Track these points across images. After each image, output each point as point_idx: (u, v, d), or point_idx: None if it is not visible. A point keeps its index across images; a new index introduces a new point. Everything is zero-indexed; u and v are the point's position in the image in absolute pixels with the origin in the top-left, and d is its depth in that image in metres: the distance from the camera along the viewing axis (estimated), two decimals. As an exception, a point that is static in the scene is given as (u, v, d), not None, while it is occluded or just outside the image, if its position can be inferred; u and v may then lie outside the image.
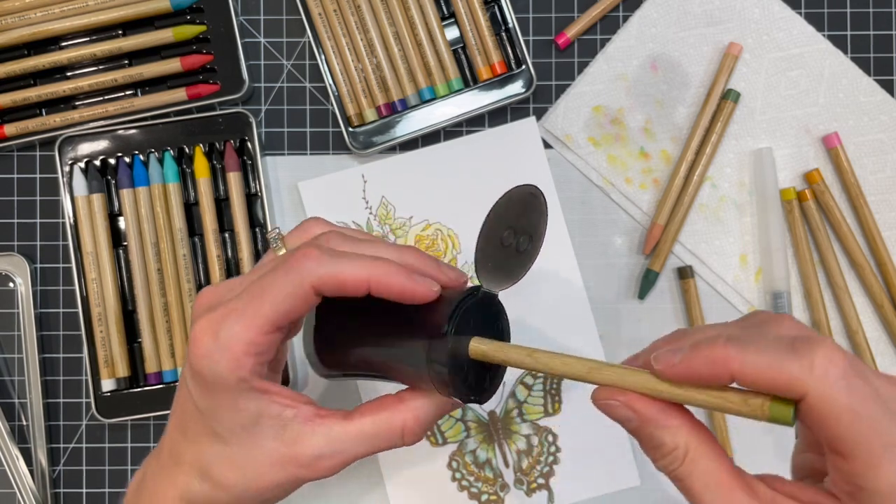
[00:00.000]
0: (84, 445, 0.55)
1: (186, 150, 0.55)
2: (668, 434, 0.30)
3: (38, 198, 0.56)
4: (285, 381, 0.53)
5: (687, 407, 0.31)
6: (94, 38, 0.55)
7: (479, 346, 0.34)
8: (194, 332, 0.35)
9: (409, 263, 0.36)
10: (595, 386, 0.32)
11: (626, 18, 0.56)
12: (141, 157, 0.54)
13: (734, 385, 0.29)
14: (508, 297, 0.54)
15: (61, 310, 0.56)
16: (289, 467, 0.36)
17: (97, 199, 0.54)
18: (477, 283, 0.36)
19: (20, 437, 0.55)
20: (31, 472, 0.54)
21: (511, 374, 0.54)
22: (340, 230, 0.39)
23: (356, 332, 0.38)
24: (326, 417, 0.36)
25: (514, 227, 0.35)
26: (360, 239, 0.38)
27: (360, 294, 0.35)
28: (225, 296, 0.36)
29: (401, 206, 0.55)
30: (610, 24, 0.56)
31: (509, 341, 0.37)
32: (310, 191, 0.55)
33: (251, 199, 0.55)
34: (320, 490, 0.54)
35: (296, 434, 0.36)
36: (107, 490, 0.55)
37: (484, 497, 0.54)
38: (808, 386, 0.26)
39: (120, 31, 0.55)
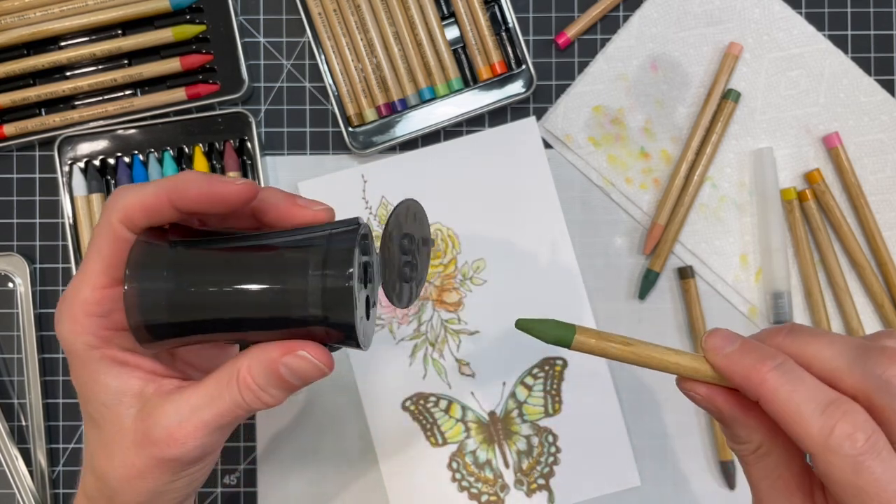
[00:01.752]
0: (83, 446, 0.55)
1: (186, 149, 0.55)
2: (743, 430, 0.31)
3: (37, 198, 0.56)
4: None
5: None
6: (94, 37, 0.55)
7: (587, 341, 0.31)
8: None
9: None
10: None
11: (626, 18, 0.56)
12: (140, 157, 0.54)
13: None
14: (509, 297, 0.54)
15: (61, 310, 0.56)
16: (147, 448, 0.32)
17: (97, 199, 0.54)
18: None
19: (20, 437, 0.55)
20: (30, 472, 0.54)
21: (512, 375, 0.54)
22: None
23: (207, 275, 0.32)
24: (184, 388, 0.33)
25: (410, 235, 0.38)
26: None
27: (169, 217, 0.32)
28: None
29: (401, 206, 0.55)
30: (610, 24, 0.56)
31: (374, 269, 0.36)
32: (310, 191, 0.55)
33: (251, 199, 0.55)
34: (320, 492, 0.54)
35: (151, 408, 0.33)
36: (106, 490, 0.55)
37: (484, 498, 0.54)
38: (816, 454, 0.27)
39: (119, 31, 0.55)
